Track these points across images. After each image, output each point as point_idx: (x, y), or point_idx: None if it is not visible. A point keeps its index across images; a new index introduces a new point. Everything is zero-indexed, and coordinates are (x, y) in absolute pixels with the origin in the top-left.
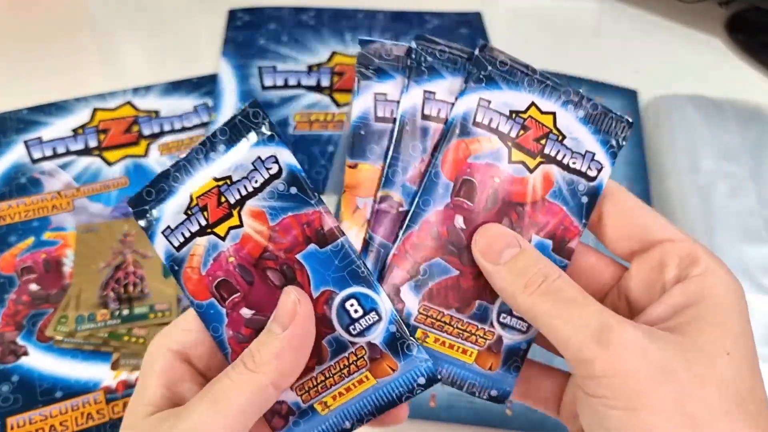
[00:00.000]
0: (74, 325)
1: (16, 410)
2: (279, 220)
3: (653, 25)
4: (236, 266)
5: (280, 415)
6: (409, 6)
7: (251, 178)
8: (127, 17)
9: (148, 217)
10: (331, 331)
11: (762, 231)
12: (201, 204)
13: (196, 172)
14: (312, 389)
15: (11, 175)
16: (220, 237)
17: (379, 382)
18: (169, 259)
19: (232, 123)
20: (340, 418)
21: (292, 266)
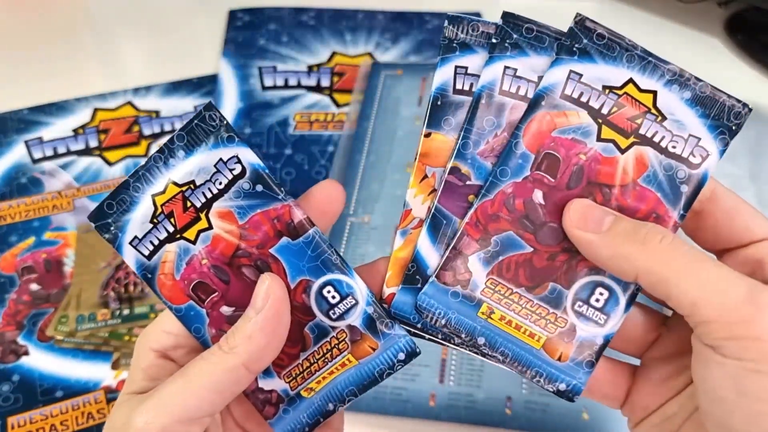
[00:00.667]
0: (75, 325)
1: (17, 410)
2: (248, 218)
3: (652, 25)
4: (210, 267)
5: (271, 404)
6: (409, 6)
7: (215, 180)
8: (127, 17)
9: (111, 229)
10: (312, 318)
11: None
12: (166, 211)
13: (156, 180)
14: (299, 376)
15: (12, 175)
16: (191, 241)
17: (360, 363)
18: (141, 269)
19: (189, 128)
20: (324, 400)
21: (266, 260)
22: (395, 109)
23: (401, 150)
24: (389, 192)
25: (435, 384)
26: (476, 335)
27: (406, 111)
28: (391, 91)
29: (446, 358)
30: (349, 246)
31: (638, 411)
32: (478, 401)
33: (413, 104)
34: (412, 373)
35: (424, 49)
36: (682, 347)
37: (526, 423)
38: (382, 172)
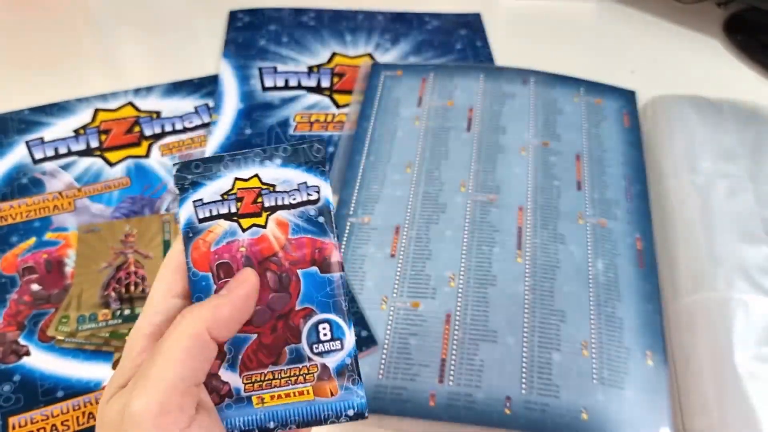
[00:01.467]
0: (76, 325)
1: (18, 410)
2: (298, 237)
3: (652, 26)
4: (244, 257)
5: (219, 394)
6: (408, 7)
7: (291, 195)
8: (128, 18)
9: (185, 184)
10: (297, 342)
11: (760, 231)
12: (239, 195)
13: (246, 168)
14: (257, 383)
15: (13, 175)
16: (242, 228)
17: (315, 400)
18: (187, 225)
19: (296, 147)
20: (268, 416)
21: (290, 276)
22: (395, 109)
23: (401, 150)
24: (389, 192)
25: (434, 384)
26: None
27: (406, 111)
28: (391, 91)
29: (446, 357)
30: (349, 246)
31: None
32: (477, 401)
33: (413, 105)
34: (412, 372)
35: (424, 50)
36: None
37: (525, 423)
38: (382, 173)
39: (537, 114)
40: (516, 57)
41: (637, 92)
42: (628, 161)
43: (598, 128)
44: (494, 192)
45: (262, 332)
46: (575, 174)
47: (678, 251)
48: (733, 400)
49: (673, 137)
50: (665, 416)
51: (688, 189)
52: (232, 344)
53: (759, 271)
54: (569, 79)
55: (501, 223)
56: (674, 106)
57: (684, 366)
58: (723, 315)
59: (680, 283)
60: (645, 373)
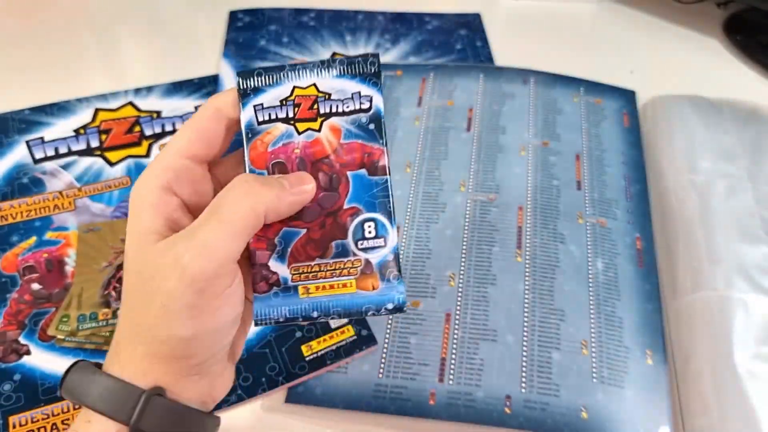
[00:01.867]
0: (76, 324)
1: (18, 409)
2: (349, 141)
3: (651, 26)
4: (298, 158)
5: (267, 282)
6: (408, 7)
7: (345, 102)
8: (128, 18)
9: (248, 89)
10: (344, 238)
11: (760, 231)
12: (297, 101)
13: (304, 78)
14: (304, 274)
15: (13, 174)
16: (298, 131)
17: (357, 292)
18: (248, 127)
19: (351, 60)
20: (312, 306)
21: (340, 177)
22: (395, 109)
23: (401, 150)
24: None
25: (434, 383)
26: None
27: (406, 111)
28: (391, 91)
29: (446, 357)
30: None
31: None
32: (477, 400)
33: (413, 105)
34: (412, 372)
35: (424, 50)
36: None
37: (525, 422)
38: None
39: (537, 114)
40: (516, 57)
41: (637, 92)
42: (628, 161)
43: (598, 128)
44: (494, 191)
45: (312, 227)
46: (575, 174)
47: (677, 251)
48: (733, 399)
49: (672, 137)
50: (665, 415)
51: (687, 189)
52: (283, 237)
53: (758, 271)
54: (569, 79)
55: (501, 223)
56: (674, 106)
57: (684, 365)
58: (722, 314)
59: (680, 283)
60: (645, 372)
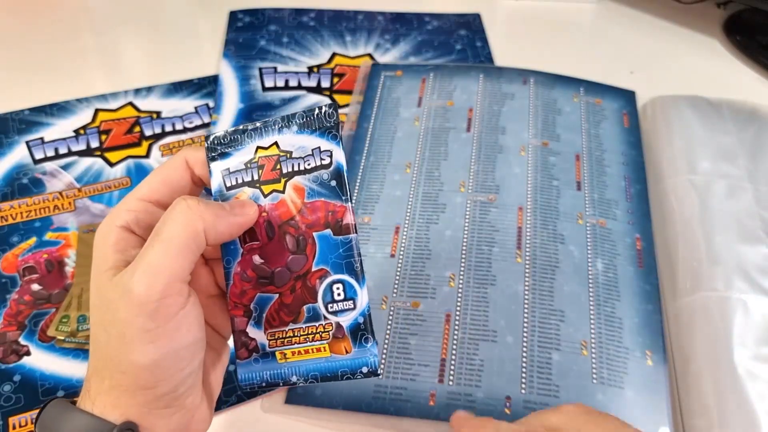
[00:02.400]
0: (76, 325)
1: (18, 410)
2: (313, 201)
3: (651, 26)
4: (265, 221)
5: (247, 349)
6: (408, 7)
7: (306, 160)
8: (128, 18)
9: (215, 155)
10: (314, 302)
11: (759, 231)
12: (260, 163)
13: (267, 136)
14: (279, 339)
15: (13, 175)
16: (264, 194)
17: (331, 356)
18: (218, 193)
19: (311, 113)
20: (291, 371)
21: (306, 240)
22: (395, 110)
23: (401, 151)
24: (389, 192)
25: (434, 383)
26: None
27: (406, 112)
28: (391, 92)
29: (446, 357)
30: None
31: None
32: (477, 401)
33: (413, 105)
34: (412, 372)
35: (424, 50)
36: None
37: None
38: (382, 173)
39: (537, 114)
40: (516, 57)
41: (637, 92)
42: (628, 161)
43: (598, 128)
44: (494, 192)
45: (283, 292)
46: (575, 174)
47: (677, 251)
48: (733, 399)
49: (672, 137)
50: (665, 416)
51: (687, 189)
52: (258, 303)
53: (758, 271)
54: (569, 80)
55: (501, 223)
56: (674, 107)
57: (683, 366)
58: (722, 315)
59: (679, 283)
60: (644, 372)
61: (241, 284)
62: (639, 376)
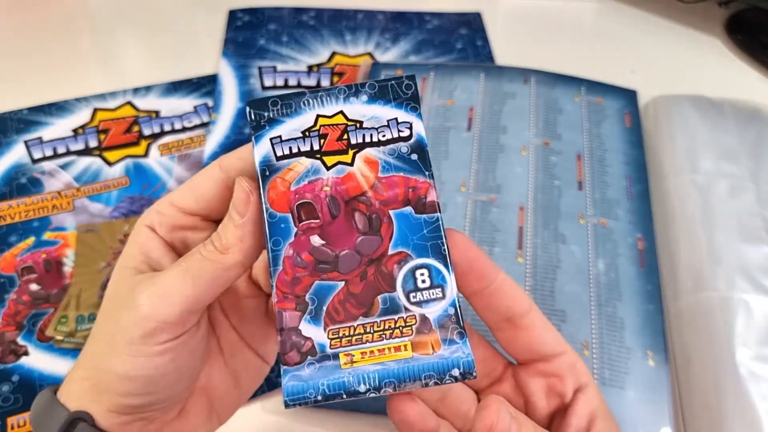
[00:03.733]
0: (75, 325)
1: (17, 410)
2: (389, 175)
3: (653, 25)
4: (328, 196)
5: (299, 351)
6: (409, 6)
7: (380, 131)
8: (127, 17)
9: (262, 121)
10: (391, 291)
11: (761, 231)
12: (322, 132)
13: (329, 106)
14: (345, 338)
15: (12, 175)
16: (326, 166)
17: (414, 357)
18: (264, 163)
19: (384, 83)
20: (357, 378)
21: (381, 217)
22: None
23: None
24: None
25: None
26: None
27: None
28: None
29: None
30: None
31: None
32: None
33: None
34: None
35: (424, 49)
36: None
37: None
38: None
39: (538, 113)
40: (517, 56)
41: (638, 92)
42: (630, 161)
43: (599, 128)
44: (495, 192)
45: (351, 280)
46: (576, 174)
47: (679, 251)
48: (734, 399)
49: (674, 137)
50: (666, 416)
51: (689, 188)
52: (315, 294)
53: (760, 271)
54: (570, 79)
55: (501, 223)
56: (675, 106)
57: (685, 366)
58: (724, 315)
59: (681, 283)
60: (646, 373)
61: (293, 270)
62: (640, 377)
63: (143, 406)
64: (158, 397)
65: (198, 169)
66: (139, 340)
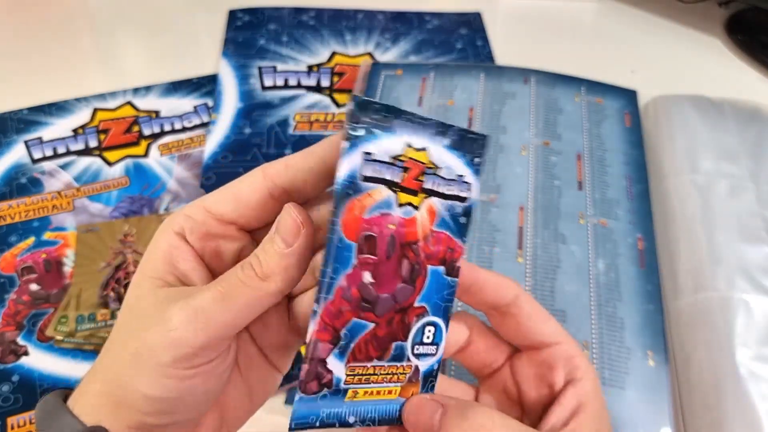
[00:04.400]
0: (74, 325)
1: (17, 410)
2: (439, 231)
3: (653, 25)
4: (390, 235)
5: (320, 383)
6: (409, 6)
7: (449, 184)
8: (127, 17)
9: (360, 127)
10: (404, 340)
11: (761, 231)
12: (405, 164)
13: (419, 136)
14: (358, 376)
15: (12, 175)
16: (398, 203)
17: (397, 400)
18: (349, 179)
19: (464, 134)
20: (350, 411)
21: (420, 270)
22: None
23: None
24: None
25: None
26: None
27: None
28: (391, 91)
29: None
30: None
31: None
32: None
33: (413, 104)
34: None
35: (424, 49)
36: None
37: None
38: None
39: (538, 113)
40: (517, 56)
41: (638, 92)
42: (630, 161)
43: (599, 128)
44: (495, 192)
45: (380, 323)
46: (576, 174)
47: (679, 251)
48: (734, 399)
49: (674, 137)
50: (666, 416)
51: (689, 188)
52: (350, 330)
53: (760, 271)
54: (570, 79)
55: (502, 223)
56: (675, 106)
57: (685, 366)
58: (724, 315)
59: (681, 283)
60: (646, 373)
61: (340, 303)
62: (640, 377)
63: (164, 425)
64: (181, 417)
65: (198, 169)
66: (170, 363)
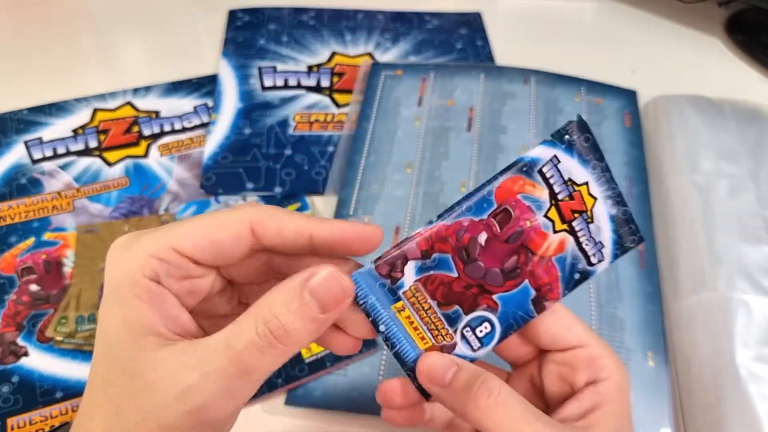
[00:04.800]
0: (74, 326)
1: (17, 411)
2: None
3: (653, 25)
4: (522, 228)
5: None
6: (409, 6)
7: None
8: (127, 17)
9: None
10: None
11: (761, 231)
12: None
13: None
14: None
15: (11, 175)
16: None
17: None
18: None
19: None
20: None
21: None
22: (395, 109)
23: (401, 150)
24: (389, 193)
25: None
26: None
27: (406, 111)
28: (391, 91)
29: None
30: None
31: None
32: None
33: (413, 104)
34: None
35: (424, 49)
36: None
37: None
38: (382, 173)
39: (538, 114)
40: (516, 56)
41: (638, 92)
42: (630, 161)
43: (599, 128)
44: None
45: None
46: None
47: (679, 251)
48: (734, 400)
49: (674, 137)
50: (666, 416)
51: (689, 189)
52: (439, 260)
53: (760, 271)
54: (570, 79)
55: None
56: (675, 106)
57: (685, 366)
58: (724, 315)
59: (681, 284)
60: (646, 373)
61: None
62: (641, 377)
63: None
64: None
65: (198, 169)
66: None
